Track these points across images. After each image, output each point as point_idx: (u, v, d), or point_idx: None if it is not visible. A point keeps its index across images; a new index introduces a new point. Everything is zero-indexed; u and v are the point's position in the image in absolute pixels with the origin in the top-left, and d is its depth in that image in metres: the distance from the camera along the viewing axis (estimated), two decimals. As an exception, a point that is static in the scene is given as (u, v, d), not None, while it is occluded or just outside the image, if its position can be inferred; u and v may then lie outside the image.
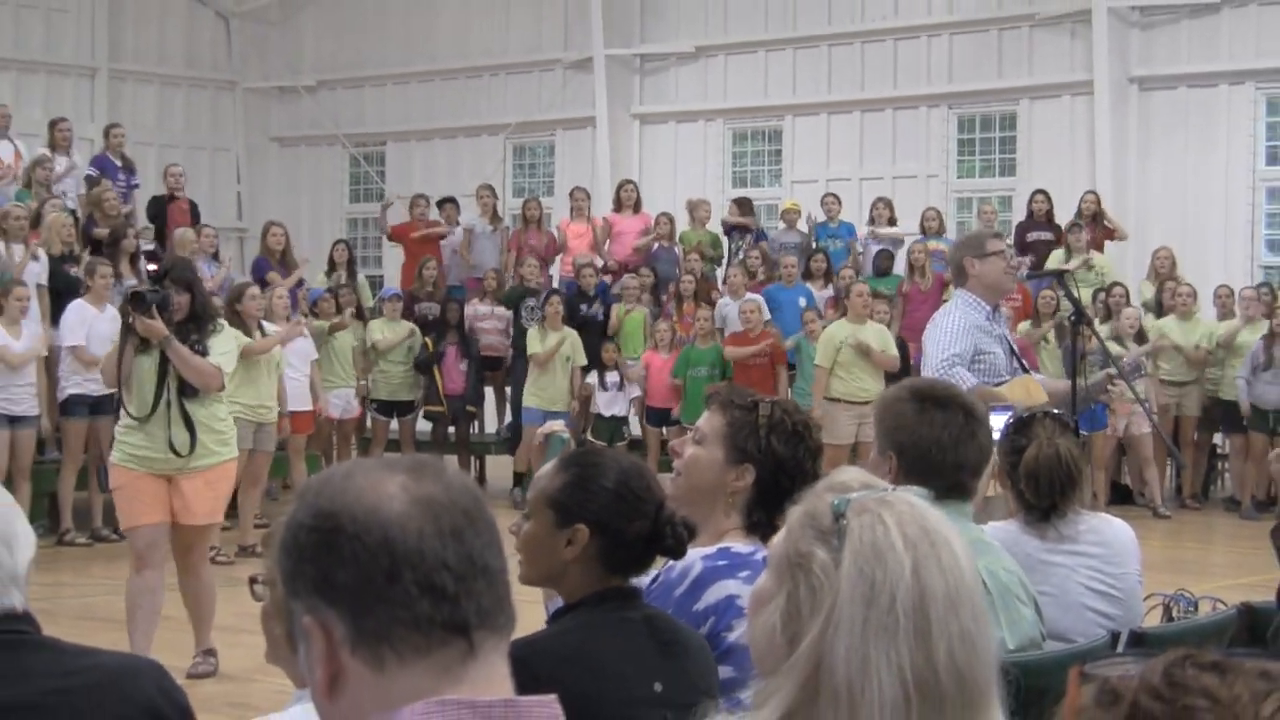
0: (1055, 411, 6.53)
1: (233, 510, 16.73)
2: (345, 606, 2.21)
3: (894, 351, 18.02)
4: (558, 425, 5.59)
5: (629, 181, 23.47)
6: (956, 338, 9.01)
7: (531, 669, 2.48)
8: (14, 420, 15.97)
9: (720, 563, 4.71)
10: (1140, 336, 18.94)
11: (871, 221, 22.03)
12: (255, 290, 16.41)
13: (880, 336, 18.19)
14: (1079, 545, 6.03)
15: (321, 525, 2.24)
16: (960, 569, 2.53)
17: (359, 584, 2.20)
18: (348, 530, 2.21)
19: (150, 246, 19.69)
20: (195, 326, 9.90)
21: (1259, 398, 18.80)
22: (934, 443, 5.08)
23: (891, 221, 21.97)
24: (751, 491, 4.90)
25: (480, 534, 2.25)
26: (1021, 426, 6.08)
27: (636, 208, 22.79)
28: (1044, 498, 5.98)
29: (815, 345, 18.89)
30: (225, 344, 10.16)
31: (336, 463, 11.32)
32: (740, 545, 4.84)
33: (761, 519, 4.87)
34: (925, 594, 2.49)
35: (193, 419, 9.88)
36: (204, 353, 9.84)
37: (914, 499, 2.65)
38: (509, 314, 21.01)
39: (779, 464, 4.87)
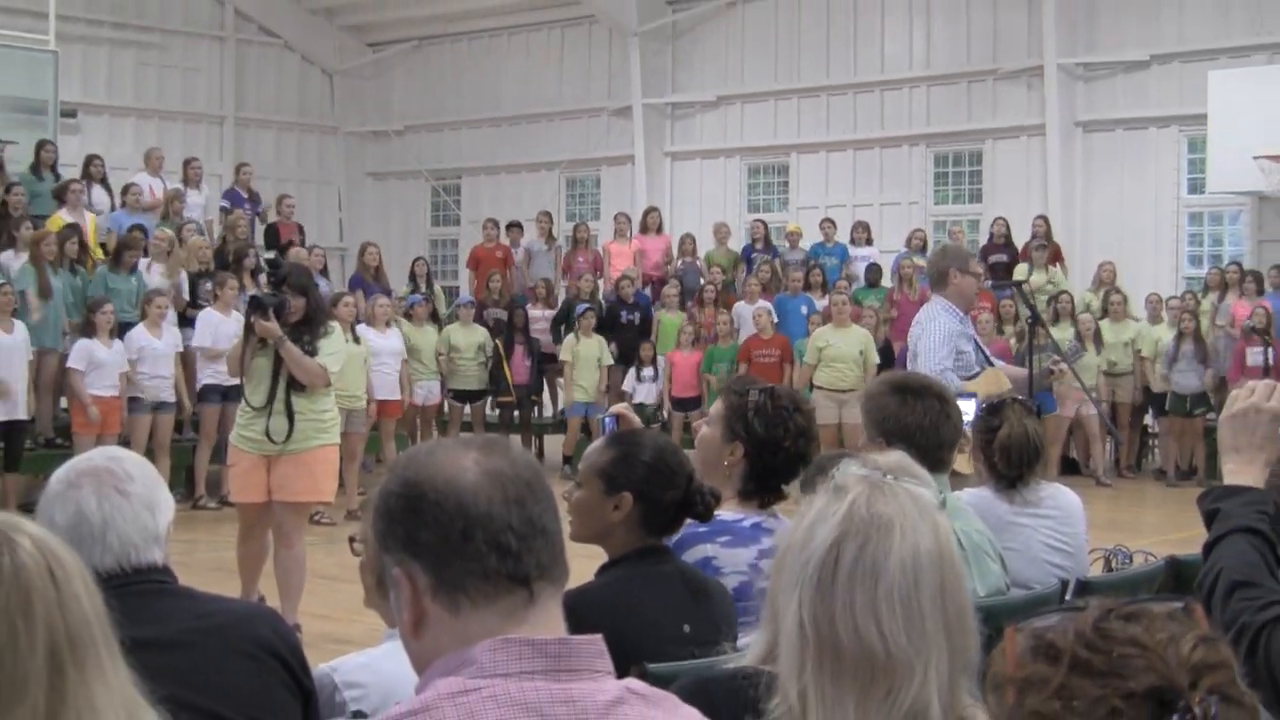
0: (1021, 398, 6.54)
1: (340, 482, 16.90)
2: (428, 560, 2.23)
3: (874, 356, 18.15)
4: (622, 408, 5.56)
5: (653, 209, 23.61)
6: (940, 345, 9.10)
7: (581, 614, 2.47)
8: (156, 405, 16.08)
9: (701, 528, 4.69)
10: (1097, 336, 19.11)
11: (853, 242, 22.10)
12: (349, 298, 16.61)
13: (862, 340, 18.26)
14: (1041, 509, 6.04)
15: (409, 493, 2.26)
16: (885, 558, 2.49)
17: (439, 542, 2.22)
18: (430, 498, 2.23)
19: (271, 255, 19.76)
20: (308, 328, 9.68)
21: (1178, 385, 19.02)
22: (917, 427, 5.08)
23: (869, 242, 22.07)
24: (745, 465, 4.89)
25: (540, 501, 2.27)
26: (994, 410, 6.10)
27: (659, 230, 22.93)
28: (1014, 468, 6.00)
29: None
30: (334, 344, 9.91)
31: (421, 441, 11.37)
32: (729, 513, 4.82)
33: (751, 489, 4.88)
34: (837, 561, 2.49)
35: (295, 411, 9.65)
36: (314, 352, 9.63)
37: (913, 490, 2.62)
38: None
39: (760, 443, 4.87)
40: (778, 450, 4.84)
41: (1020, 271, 19.99)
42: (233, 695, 3.55)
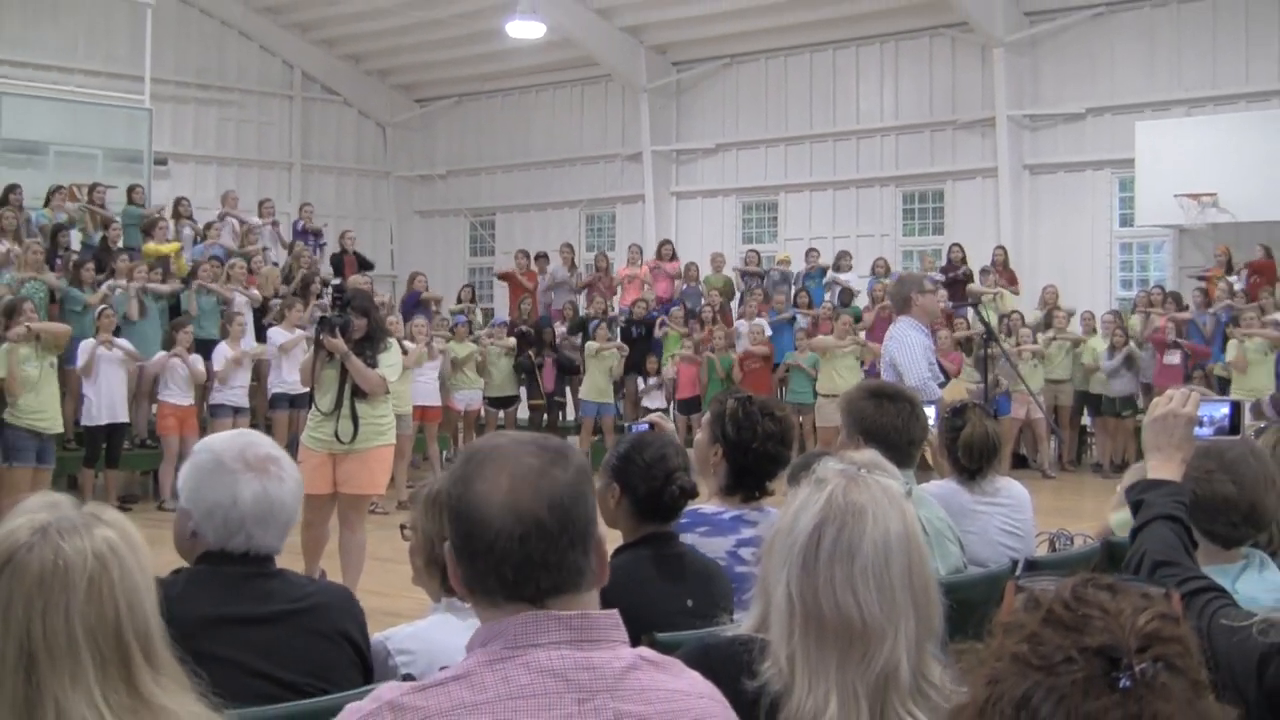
0: (980, 404, 6.55)
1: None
2: (457, 553, 2.25)
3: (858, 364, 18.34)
4: (656, 418, 5.56)
5: (667, 241, 23.71)
6: (920, 358, 9.12)
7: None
8: (236, 410, 16.11)
9: (683, 520, 4.66)
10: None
11: (836, 268, 22.10)
12: (394, 318, 16.73)
13: (861, 350, 18.39)
14: (997, 499, 6.03)
15: (452, 491, 2.26)
16: (860, 539, 2.53)
17: (463, 546, 2.24)
18: (457, 508, 2.24)
19: (337, 281, 19.87)
20: (369, 344, 9.68)
21: (1111, 390, 19.12)
22: (892, 428, 5.09)
23: (850, 268, 22.06)
24: (725, 464, 4.87)
25: (551, 536, 2.21)
26: (958, 412, 6.09)
27: (671, 258, 22.93)
28: (975, 462, 5.99)
29: (803, 358, 19.09)
30: (392, 358, 9.87)
31: (474, 438, 11.28)
32: (709, 507, 4.82)
33: (732, 485, 4.86)
34: (819, 543, 2.53)
35: (359, 415, 9.66)
36: (374, 365, 9.64)
37: (882, 481, 2.65)
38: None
39: (733, 445, 4.83)
40: (748, 451, 4.81)
41: (974, 294, 20.05)
42: (309, 668, 3.57)
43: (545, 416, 20.87)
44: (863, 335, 19.17)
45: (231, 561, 3.56)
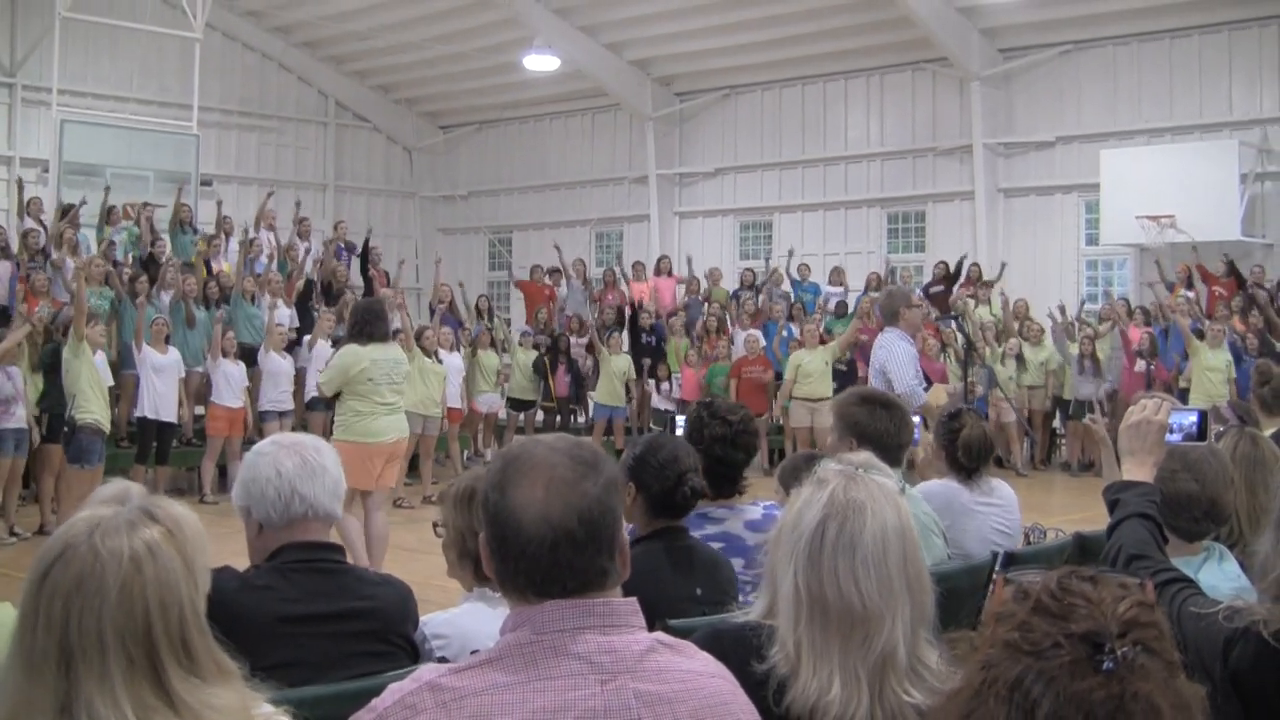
0: (972, 407, 6.53)
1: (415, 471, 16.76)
2: (490, 547, 2.23)
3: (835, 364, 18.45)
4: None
5: (665, 256, 23.70)
6: (907, 367, 9.12)
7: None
8: (282, 414, 16.11)
9: None
10: (1020, 357, 19.25)
11: (830, 283, 22.09)
12: (430, 330, 16.69)
13: (826, 355, 18.35)
14: (992, 499, 6.00)
15: (488, 495, 2.24)
16: (860, 532, 2.55)
17: (496, 545, 2.22)
18: (493, 513, 2.22)
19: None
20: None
21: (1079, 394, 19.00)
22: (884, 432, 5.08)
23: (842, 283, 22.05)
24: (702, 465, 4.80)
25: (579, 545, 2.19)
26: (955, 415, 6.07)
27: (669, 273, 22.93)
28: (973, 461, 5.96)
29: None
30: (331, 360, 10.09)
31: (493, 438, 11.21)
32: None
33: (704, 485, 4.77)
34: (823, 537, 2.55)
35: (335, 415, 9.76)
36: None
37: (878, 479, 2.65)
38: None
39: (699, 448, 4.72)
40: (706, 452, 4.68)
41: (957, 306, 20.04)
42: (372, 664, 3.55)
43: (558, 419, 20.85)
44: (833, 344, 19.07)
45: (301, 551, 3.54)
